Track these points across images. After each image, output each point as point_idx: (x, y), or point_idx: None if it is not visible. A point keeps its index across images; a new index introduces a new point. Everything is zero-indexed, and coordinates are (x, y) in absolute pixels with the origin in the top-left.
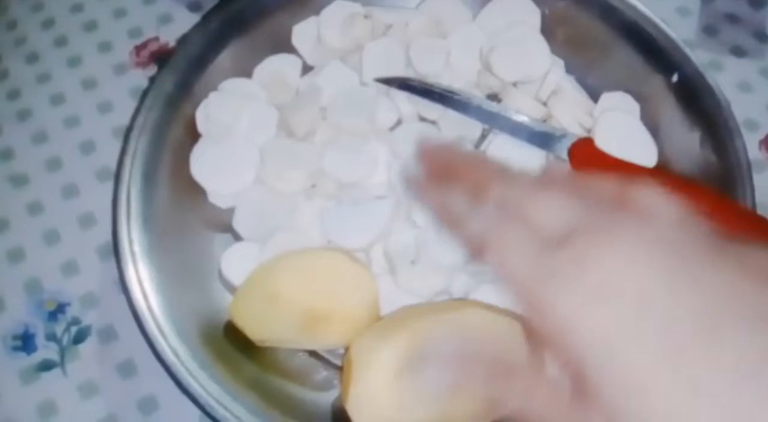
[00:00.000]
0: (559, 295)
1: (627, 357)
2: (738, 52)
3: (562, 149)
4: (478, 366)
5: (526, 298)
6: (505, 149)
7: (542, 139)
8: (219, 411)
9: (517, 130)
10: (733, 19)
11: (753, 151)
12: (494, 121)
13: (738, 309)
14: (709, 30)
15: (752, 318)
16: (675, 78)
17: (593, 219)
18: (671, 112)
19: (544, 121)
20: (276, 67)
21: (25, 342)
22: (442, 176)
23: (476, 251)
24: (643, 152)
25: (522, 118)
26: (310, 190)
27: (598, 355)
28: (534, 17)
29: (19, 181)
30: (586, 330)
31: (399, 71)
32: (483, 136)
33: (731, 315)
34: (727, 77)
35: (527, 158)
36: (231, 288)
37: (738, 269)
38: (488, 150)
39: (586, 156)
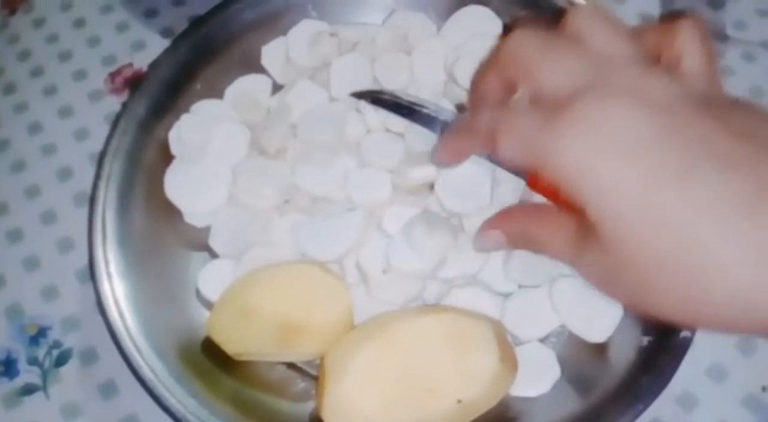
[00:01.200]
0: (568, 148)
1: (621, 192)
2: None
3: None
4: None
5: (535, 158)
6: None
7: None
8: None
9: None
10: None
11: None
12: None
13: (713, 156)
14: None
15: (723, 163)
16: None
17: (602, 77)
18: None
19: None
20: (246, 87)
21: (7, 367)
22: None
23: (489, 143)
24: None
25: None
26: (283, 206)
27: (598, 192)
28: (496, 27)
29: None
30: (590, 179)
31: (367, 86)
32: None
33: (706, 160)
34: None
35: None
36: (209, 305)
37: (719, 125)
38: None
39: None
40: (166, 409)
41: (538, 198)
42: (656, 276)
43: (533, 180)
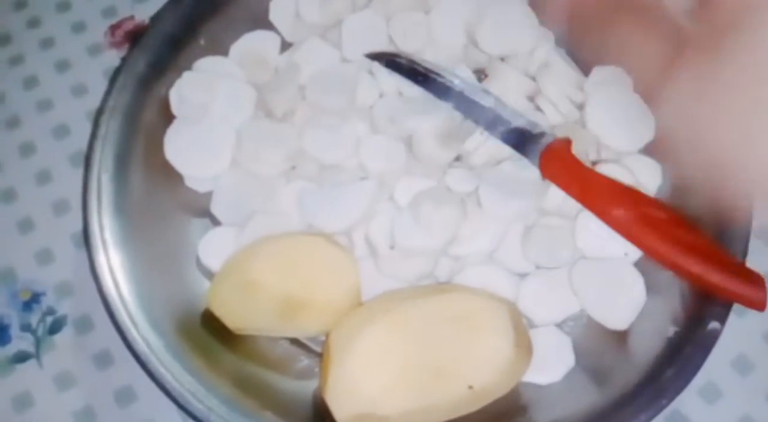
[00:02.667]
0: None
1: None
2: None
3: (535, 152)
4: None
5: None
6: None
7: (517, 137)
8: (192, 403)
9: (493, 125)
10: None
11: None
12: (472, 112)
13: None
14: None
15: None
16: None
17: None
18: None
19: (532, 97)
20: (253, 44)
21: None
22: None
23: None
24: (639, 126)
25: (503, 110)
26: (289, 172)
27: None
28: None
29: None
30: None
31: (381, 46)
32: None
33: None
34: None
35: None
36: (209, 275)
37: None
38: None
39: (558, 163)
40: (162, 386)
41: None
42: None
43: (547, 168)
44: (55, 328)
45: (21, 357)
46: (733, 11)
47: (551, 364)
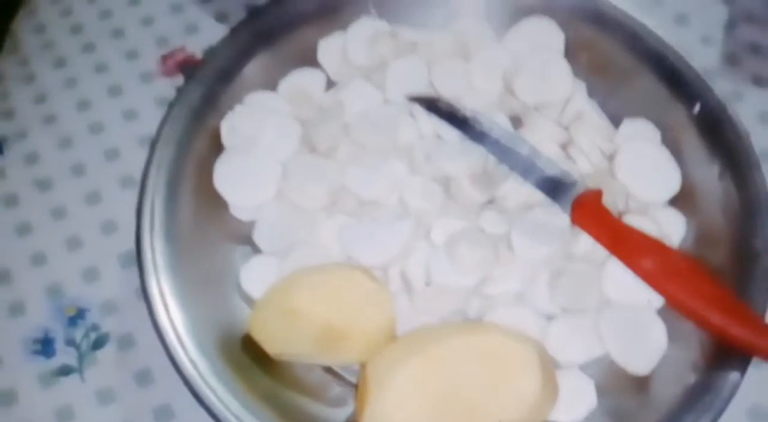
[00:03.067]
0: None
1: None
2: (760, 82)
3: (567, 200)
4: None
5: None
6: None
7: (550, 185)
8: None
9: (527, 172)
10: (755, 48)
11: None
12: (507, 158)
13: None
14: (731, 59)
15: None
16: (697, 108)
17: None
18: (692, 142)
19: (565, 146)
20: (301, 81)
21: (44, 346)
22: None
23: None
24: (666, 179)
25: (537, 158)
26: (330, 206)
27: None
28: (558, 41)
29: (43, 185)
30: None
31: (422, 90)
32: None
33: None
34: (748, 107)
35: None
36: (249, 301)
37: None
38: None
39: (589, 212)
40: (205, 406)
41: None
42: None
43: (579, 216)
44: (98, 344)
45: (64, 371)
46: None
47: (574, 405)
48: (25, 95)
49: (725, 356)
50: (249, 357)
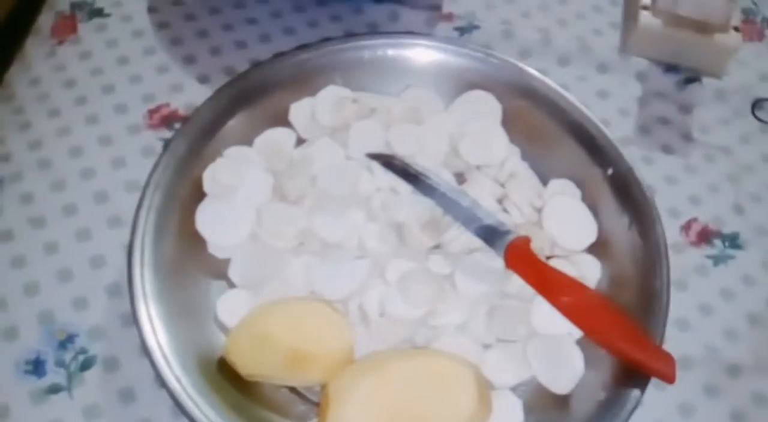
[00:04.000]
0: None
1: None
2: (667, 149)
3: (501, 246)
4: None
5: None
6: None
7: (487, 232)
8: None
9: (469, 221)
10: (664, 121)
11: (674, 235)
12: (452, 209)
13: None
14: (643, 129)
15: None
16: (610, 171)
17: None
18: (606, 199)
19: (501, 200)
20: (274, 138)
21: (36, 367)
22: None
23: None
24: (585, 230)
25: (477, 210)
26: (298, 247)
27: None
28: (496, 111)
29: (37, 223)
30: None
31: (380, 149)
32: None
33: None
34: (657, 171)
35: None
36: (224, 329)
37: None
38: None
39: (519, 256)
40: (187, 415)
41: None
42: None
43: (511, 260)
44: (86, 366)
45: (54, 389)
46: None
47: (505, 420)
48: (20, 141)
49: (630, 377)
50: (224, 377)
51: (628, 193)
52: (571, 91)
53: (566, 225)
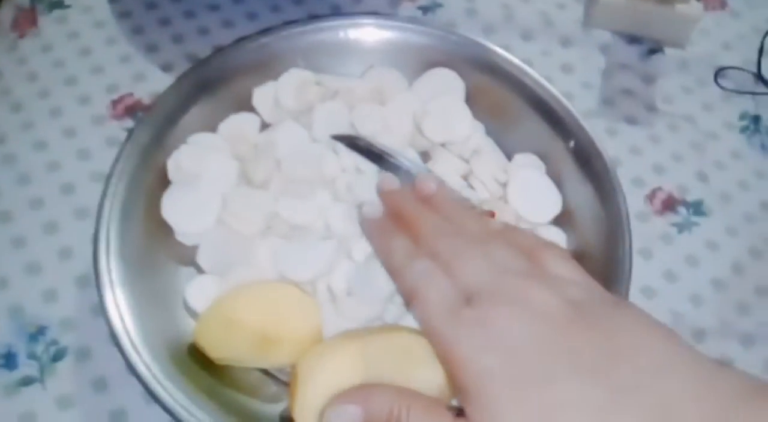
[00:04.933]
0: (459, 339)
1: (494, 384)
2: (631, 120)
3: None
4: None
5: (436, 340)
6: None
7: None
8: (184, 416)
9: None
10: (628, 92)
11: (639, 204)
12: None
13: (574, 364)
14: (608, 101)
15: (583, 371)
16: (572, 143)
17: (498, 286)
18: (569, 171)
19: (466, 177)
20: (238, 124)
21: (7, 360)
22: (393, 219)
23: (407, 300)
24: (549, 202)
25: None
26: (265, 231)
27: (476, 381)
28: (459, 89)
29: (3, 217)
30: (472, 371)
31: (344, 130)
32: None
33: (565, 371)
34: (621, 142)
35: None
36: (194, 315)
37: (584, 335)
38: None
39: None
40: (158, 401)
41: None
42: None
43: None
44: (57, 357)
45: (27, 381)
46: None
47: None
48: None
49: None
50: (195, 361)
51: (590, 164)
52: (535, 66)
53: (531, 198)
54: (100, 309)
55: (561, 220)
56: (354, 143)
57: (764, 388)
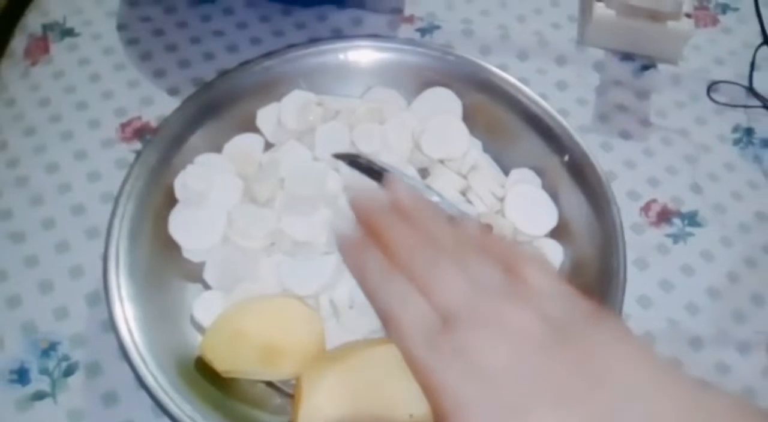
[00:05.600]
0: (437, 367)
1: (472, 411)
2: (625, 135)
3: None
4: None
5: (413, 367)
6: None
7: None
8: None
9: None
10: (622, 108)
11: (635, 216)
12: None
13: (550, 390)
14: (602, 117)
15: (559, 398)
16: (566, 158)
17: (474, 308)
18: (565, 185)
19: (464, 192)
20: (242, 143)
21: (20, 375)
22: (367, 232)
23: (382, 322)
24: (545, 215)
25: (441, 200)
26: (269, 247)
27: (453, 407)
28: (457, 107)
29: (17, 237)
30: (449, 399)
31: (345, 149)
32: None
33: (542, 399)
34: (616, 156)
35: None
36: (200, 330)
37: (561, 358)
38: None
39: None
40: (166, 413)
41: None
42: None
43: None
44: (68, 372)
45: (39, 396)
46: None
47: None
48: None
49: None
50: (202, 374)
51: (585, 178)
52: (531, 84)
53: (528, 212)
54: (110, 325)
55: (557, 233)
56: (355, 161)
57: (746, 407)
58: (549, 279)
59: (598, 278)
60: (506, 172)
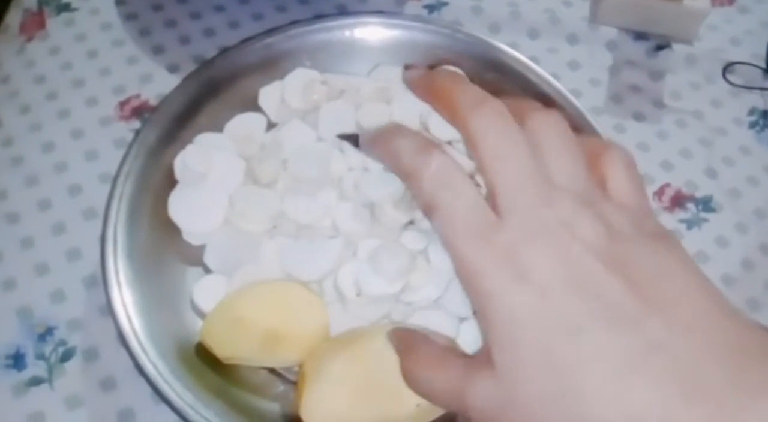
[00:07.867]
0: (487, 270)
1: (524, 326)
2: (639, 117)
3: None
4: None
5: (460, 264)
6: None
7: None
8: (192, 416)
9: None
10: (635, 88)
11: None
12: None
13: (606, 311)
14: (615, 98)
15: (614, 320)
16: None
17: (539, 207)
18: None
19: (473, 174)
20: (244, 123)
21: (16, 361)
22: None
23: (424, 210)
24: None
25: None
26: (272, 230)
27: (505, 319)
28: None
29: (12, 219)
30: (500, 308)
31: (350, 129)
32: None
33: (596, 318)
34: (629, 139)
35: None
36: (201, 315)
37: (622, 277)
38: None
39: None
40: (166, 400)
41: None
42: (538, 416)
43: None
44: (65, 357)
45: (35, 382)
46: None
47: None
48: None
49: None
50: (202, 361)
51: None
52: (542, 64)
53: None
54: (108, 310)
55: None
56: (359, 142)
57: None
58: (633, 189)
59: None
60: None
